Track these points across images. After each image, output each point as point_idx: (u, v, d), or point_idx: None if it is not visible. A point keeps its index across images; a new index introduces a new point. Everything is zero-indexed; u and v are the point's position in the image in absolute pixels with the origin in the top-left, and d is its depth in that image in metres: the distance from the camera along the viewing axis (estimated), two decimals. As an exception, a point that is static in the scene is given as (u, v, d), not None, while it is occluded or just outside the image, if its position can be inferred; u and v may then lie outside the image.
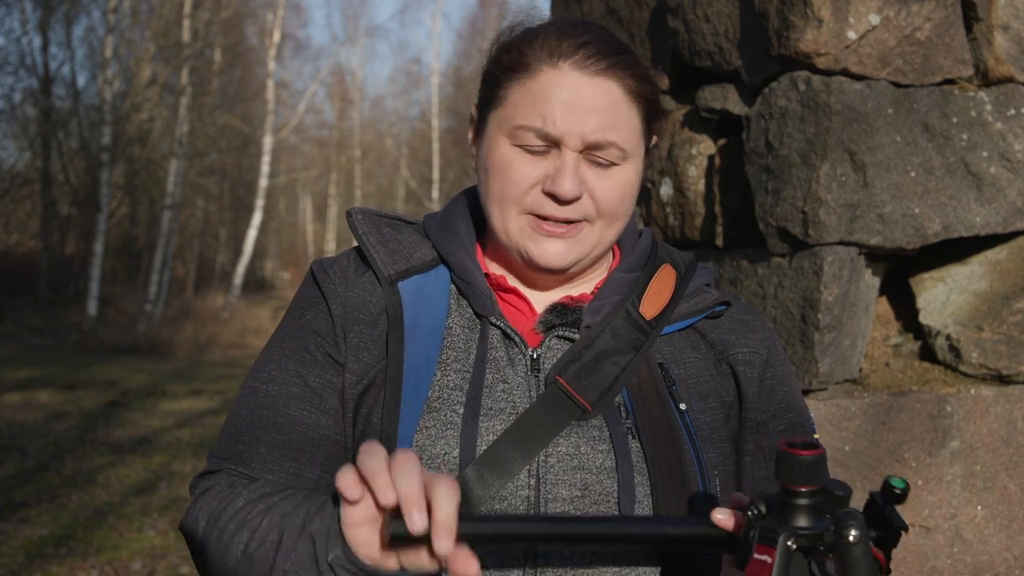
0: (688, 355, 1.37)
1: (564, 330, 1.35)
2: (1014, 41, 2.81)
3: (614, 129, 1.28)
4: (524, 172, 1.29)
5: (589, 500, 1.26)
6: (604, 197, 1.30)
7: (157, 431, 9.43)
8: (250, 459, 1.30)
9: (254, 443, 1.30)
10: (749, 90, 2.94)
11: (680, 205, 3.19)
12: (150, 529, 6.13)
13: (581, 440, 1.28)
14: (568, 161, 1.28)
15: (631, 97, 1.30)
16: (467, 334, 1.35)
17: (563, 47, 1.29)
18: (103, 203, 19.91)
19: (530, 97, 1.29)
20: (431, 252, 1.41)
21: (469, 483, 1.23)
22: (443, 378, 1.31)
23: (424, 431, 1.27)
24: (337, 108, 40.78)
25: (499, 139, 1.31)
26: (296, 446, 1.30)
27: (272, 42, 26.65)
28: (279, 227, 42.51)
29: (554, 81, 1.28)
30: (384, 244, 1.39)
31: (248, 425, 1.32)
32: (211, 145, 27.52)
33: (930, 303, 2.84)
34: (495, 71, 1.34)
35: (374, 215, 1.44)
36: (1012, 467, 2.68)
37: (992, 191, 2.76)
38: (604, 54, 1.29)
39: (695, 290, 1.41)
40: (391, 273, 1.36)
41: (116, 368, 14.39)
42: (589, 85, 1.28)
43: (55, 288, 21.82)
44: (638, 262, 1.42)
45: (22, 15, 21.46)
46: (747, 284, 2.85)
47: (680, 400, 1.32)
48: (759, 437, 1.37)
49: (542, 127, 1.27)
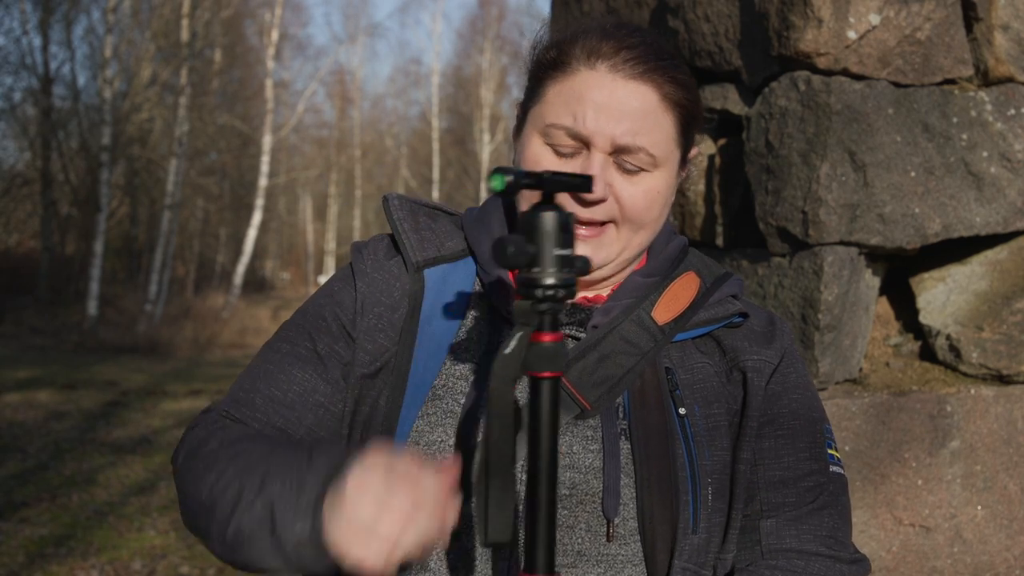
0: (697, 360, 1.36)
1: (572, 329, 1.34)
2: (1014, 41, 2.81)
3: (645, 134, 1.28)
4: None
5: (576, 499, 1.26)
6: (630, 202, 1.29)
7: (157, 431, 9.42)
8: (244, 405, 1.33)
9: (252, 392, 1.34)
10: (749, 90, 2.94)
11: (680, 205, 3.19)
12: (150, 529, 6.13)
13: (575, 439, 1.28)
14: (596, 162, 1.27)
15: (667, 104, 1.30)
16: (482, 326, 1.35)
17: (603, 48, 1.29)
18: (103, 203, 19.91)
19: (564, 96, 1.29)
20: (462, 243, 1.42)
21: (461, 472, 1.23)
22: (451, 367, 1.32)
23: (425, 417, 1.29)
24: (337, 108, 40.81)
25: (533, 136, 1.32)
26: (288, 403, 1.33)
27: (271, 41, 26.64)
28: (279, 227, 42.52)
29: (590, 82, 1.28)
30: (417, 231, 1.40)
31: (253, 375, 1.37)
32: (211, 145, 27.52)
33: (930, 303, 2.84)
34: (536, 68, 1.35)
35: (412, 203, 1.45)
36: (1012, 467, 2.68)
37: (992, 191, 2.76)
38: (643, 58, 1.28)
39: (718, 300, 1.39)
40: (419, 260, 1.37)
41: (116, 368, 14.39)
42: (624, 88, 1.27)
43: (55, 288, 21.82)
44: (660, 268, 1.40)
45: (22, 15, 21.47)
46: (747, 284, 2.85)
47: (681, 404, 1.31)
48: (756, 441, 1.34)
49: (572, 126, 1.27)
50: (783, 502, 1.33)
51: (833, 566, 1.31)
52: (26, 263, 23.04)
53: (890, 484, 2.62)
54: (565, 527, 1.27)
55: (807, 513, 1.33)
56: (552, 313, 1.03)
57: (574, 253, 1.03)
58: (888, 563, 2.62)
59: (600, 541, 1.27)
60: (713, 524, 1.29)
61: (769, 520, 1.33)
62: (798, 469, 1.34)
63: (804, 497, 1.34)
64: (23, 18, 21.49)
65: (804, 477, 1.34)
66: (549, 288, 1.02)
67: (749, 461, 1.33)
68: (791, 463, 1.34)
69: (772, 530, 1.33)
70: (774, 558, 1.32)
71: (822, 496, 1.35)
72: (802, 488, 1.34)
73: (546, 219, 1.02)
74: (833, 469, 1.37)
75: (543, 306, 1.03)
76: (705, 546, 1.28)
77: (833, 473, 1.37)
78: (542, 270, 1.02)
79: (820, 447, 1.36)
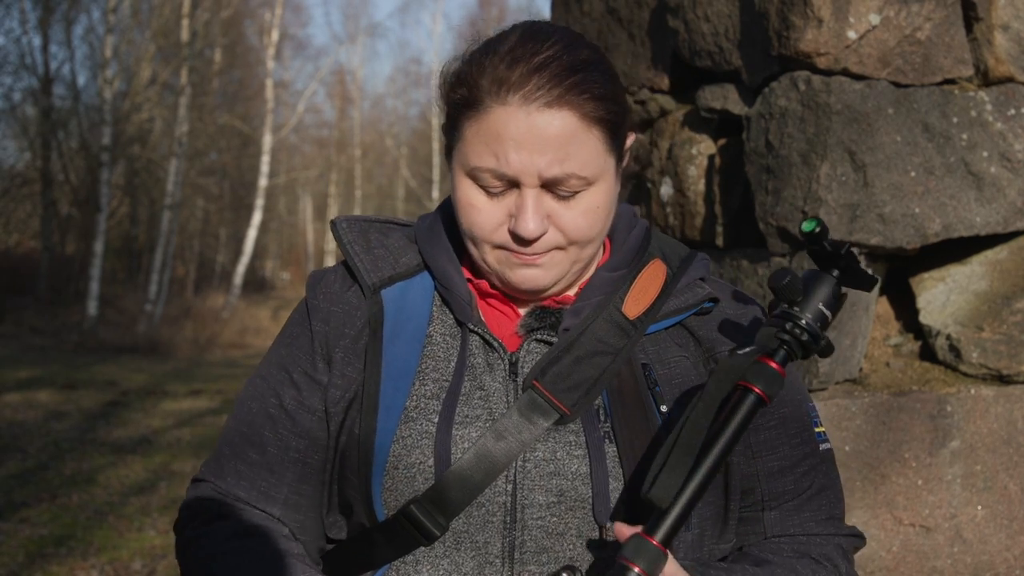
0: (673, 353, 1.34)
1: (544, 333, 1.32)
2: (1014, 41, 2.81)
3: (571, 160, 1.23)
4: (488, 214, 1.26)
5: (565, 506, 1.26)
6: (572, 226, 1.26)
7: (157, 431, 9.42)
8: (228, 474, 1.37)
9: (233, 459, 1.37)
10: (749, 90, 2.94)
11: (680, 205, 3.19)
12: (150, 529, 6.13)
13: (558, 445, 1.27)
14: (528, 200, 1.23)
15: (588, 123, 1.23)
16: (448, 341, 1.34)
17: (512, 77, 1.21)
18: (103, 203, 19.91)
19: (483, 136, 1.24)
20: (417, 257, 1.39)
21: (446, 489, 1.24)
22: (421, 387, 1.30)
23: (400, 441, 1.27)
24: (337, 108, 40.80)
25: (461, 177, 1.28)
26: (267, 467, 1.35)
27: (271, 41, 26.63)
28: (279, 227, 42.48)
29: (504, 118, 1.22)
30: (369, 252, 1.38)
31: (231, 440, 1.38)
32: (211, 145, 27.51)
33: (930, 303, 2.84)
34: (450, 108, 1.30)
35: (362, 221, 1.43)
36: (1012, 467, 2.68)
37: (992, 191, 2.76)
38: (556, 80, 1.21)
39: (686, 285, 1.36)
40: (374, 281, 1.35)
41: (116, 368, 14.39)
42: (541, 118, 1.21)
43: (55, 288, 21.80)
44: (625, 259, 1.37)
45: (22, 15, 21.46)
46: (747, 284, 2.85)
47: (662, 402, 1.29)
48: (749, 434, 1.34)
49: (496, 167, 1.23)
50: (783, 491, 1.35)
51: (832, 540, 1.36)
52: (26, 263, 23.02)
53: (890, 484, 2.62)
54: (555, 534, 1.26)
55: (807, 499, 1.36)
56: (787, 348, 1.19)
57: (830, 319, 1.21)
58: (888, 563, 2.62)
59: (592, 546, 1.27)
60: (705, 518, 1.29)
61: (772, 512, 1.35)
62: (793, 456, 1.35)
63: (801, 483, 1.36)
64: (23, 18, 21.48)
65: (800, 462, 1.36)
66: (799, 328, 1.19)
67: (741, 453, 1.33)
68: (786, 452, 1.35)
69: (776, 520, 1.35)
70: (777, 538, 1.36)
71: (818, 478, 1.37)
72: (799, 473, 1.36)
73: (828, 281, 1.21)
74: (822, 447, 1.39)
75: (785, 336, 1.19)
76: (699, 540, 1.29)
77: (823, 451, 1.39)
78: (802, 312, 1.19)
79: (809, 429, 1.37)
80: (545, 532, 1.26)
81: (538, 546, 1.26)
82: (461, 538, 1.27)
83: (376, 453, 1.27)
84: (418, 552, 1.28)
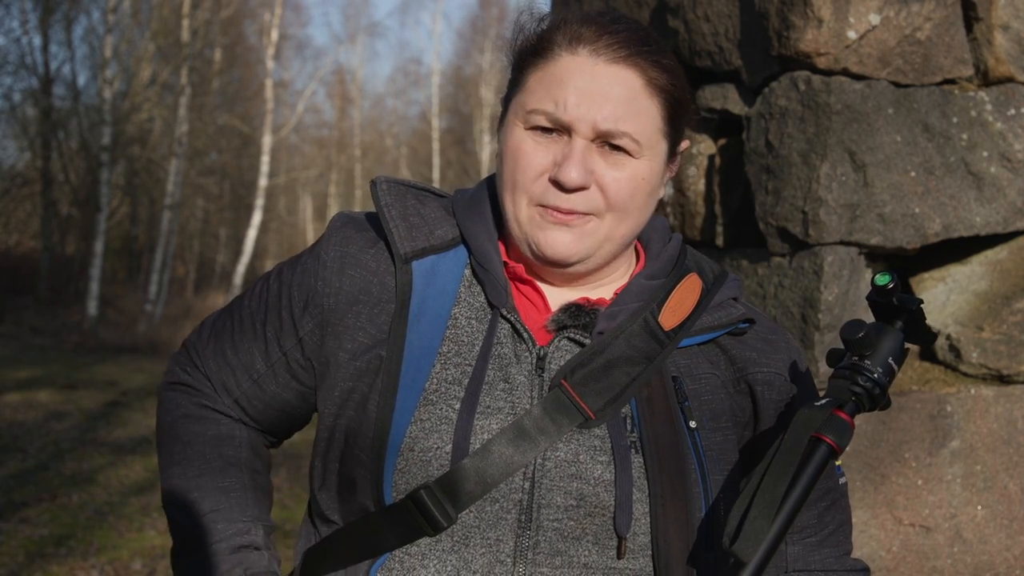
0: (705, 370, 1.31)
1: (576, 332, 1.29)
2: (1014, 41, 2.81)
3: (629, 119, 1.24)
4: (533, 158, 1.25)
5: (584, 511, 1.23)
6: (614, 188, 1.25)
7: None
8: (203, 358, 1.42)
9: (209, 344, 1.42)
10: (749, 90, 2.94)
11: (680, 205, 3.19)
12: (150, 529, 6.13)
13: (581, 448, 1.24)
14: (576, 148, 1.24)
15: (652, 89, 1.25)
16: (474, 325, 1.29)
17: (584, 33, 1.25)
18: (103, 203, 19.91)
19: (545, 82, 1.25)
20: (453, 231, 1.34)
21: (461, 479, 1.21)
22: (442, 371, 1.26)
23: (418, 423, 1.24)
24: (337, 108, 40.80)
25: (515, 124, 1.28)
26: (230, 368, 1.40)
27: (271, 41, 26.63)
28: (279, 227, 42.46)
29: (571, 67, 1.24)
30: (405, 218, 1.33)
31: (216, 328, 1.43)
32: (211, 145, 27.51)
33: (930, 303, 2.84)
34: (517, 57, 1.31)
35: (401, 185, 1.38)
36: (1012, 467, 2.68)
37: (992, 191, 2.76)
38: (626, 43, 1.25)
39: (720, 303, 1.34)
40: (407, 251, 1.30)
41: (116, 368, 14.38)
42: (606, 73, 1.24)
43: (55, 288, 21.80)
44: (663, 269, 1.35)
45: (22, 15, 21.46)
46: (747, 284, 2.85)
47: (691, 418, 1.27)
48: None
49: (553, 112, 1.24)
50: (805, 525, 1.36)
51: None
52: (26, 263, 23.02)
53: (890, 484, 2.62)
54: (571, 538, 1.23)
55: (828, 535, 1.37)
56: (856, 400, 1.22)
57: (896, 373, 1.25)
58: (888, 563, 2.62)
59: (608, 555, 1.24)
60: None
61: (795, 547, 1.36)
62: (816, 491, 1.33)
63: (824, 518, 1.37)
64: (23, 18, 21.48)
65: (822, 497, 1.37)
66: (872, 383, 1.22)
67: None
68: None
69: (799, 555, 1.36)
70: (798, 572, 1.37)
71: (838, 513, 1.38)
72: (822, 508, 1.37)
73: (896, 336, 1.24)
74: (841, 481, 1.39)
75: (857, 389, 1.22)
76: (719, 562, 1.27)
77: (842, 485, 1.40)
78: (873, 365, 1.22)
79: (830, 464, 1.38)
80: (561, 535, 1.23)
81: (553, 548, 1.23)
82: (471, 533, 1.23)
83: (392, 433, 1.23)
84: (424, 546, 1.24)
